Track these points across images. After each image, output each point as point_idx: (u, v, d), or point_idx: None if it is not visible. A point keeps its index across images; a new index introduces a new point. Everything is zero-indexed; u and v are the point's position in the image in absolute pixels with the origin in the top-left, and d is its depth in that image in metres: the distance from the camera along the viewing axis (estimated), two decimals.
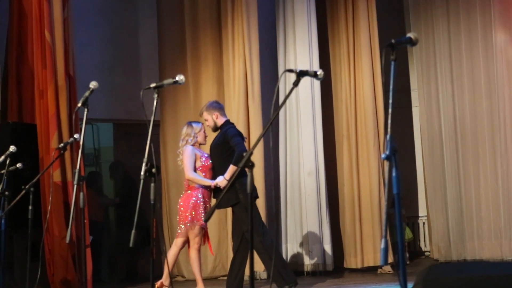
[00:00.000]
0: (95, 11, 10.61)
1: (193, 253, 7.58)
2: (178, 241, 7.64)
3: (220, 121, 7.64)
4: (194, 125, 7.74)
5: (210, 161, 7.70)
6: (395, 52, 3.53)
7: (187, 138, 7.65)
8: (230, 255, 8.20)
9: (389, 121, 3.45)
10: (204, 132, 7.78)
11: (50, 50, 8.35)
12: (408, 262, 10.65)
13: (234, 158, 7.33)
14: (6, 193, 6.69)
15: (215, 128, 7.67)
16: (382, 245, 3.43)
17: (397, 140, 3.38)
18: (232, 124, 7.79)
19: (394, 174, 3.38)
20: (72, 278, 8.08)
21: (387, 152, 3.38)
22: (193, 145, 7.67)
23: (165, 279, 7.51)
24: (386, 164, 3.38)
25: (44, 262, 7.86)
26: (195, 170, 7.60)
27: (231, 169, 7.38)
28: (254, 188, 7.14)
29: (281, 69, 10.12)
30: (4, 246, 6.83)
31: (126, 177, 10.86)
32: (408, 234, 11.01)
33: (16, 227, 7.65)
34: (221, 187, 7.47)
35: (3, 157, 6.91)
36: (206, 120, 7.67)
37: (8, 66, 8.89)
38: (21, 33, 8.80)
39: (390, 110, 3.47)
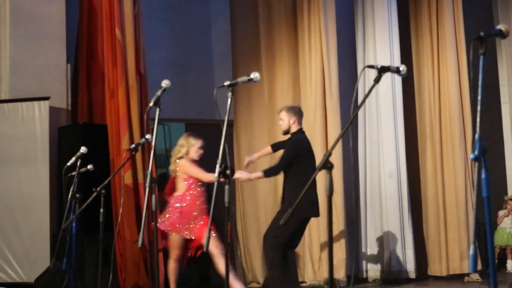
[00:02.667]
0: (166, 7, 10.73)
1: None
2: None
3: (295, 127, 7.62)
4: (191, 138, 7.70)
5: None
6: (484, 45, 3.45)
7: (180, 149, 7.59)
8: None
9: (478, 119, 3.38)
10: (200, 149, 7.69)
11: (120, 48, 8.46)
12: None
13: (269, 168, 7.57)
14: (77, 195, 6.81)
15: (286, 132, 7.65)
16: (471, 252, 3.37)
17: (485, 140, 3.32)
18: (303, 133, 7.73)
19: (483, 175, 3.32)
20: (144, 284, 8.17)
21: (476, 153, 3.31)
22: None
23: None
24: (475, 165, 3.31)
25: (116, 267, 7.97)
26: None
27: (259, 175, 7.50)
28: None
29: (360, 65, 10.05)
30: (76, 250, 6.96)
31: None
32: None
33: (88, 231, 7.79)
34: (240, 179, 7.62)
35: (74, 158, 7.04)
36: (281, 119, 7.65)
37: (78, 65, 9.06)
38: (91, 31, 8.96)
39: (479, 108, 3.40)
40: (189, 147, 7.62)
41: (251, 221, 9.76)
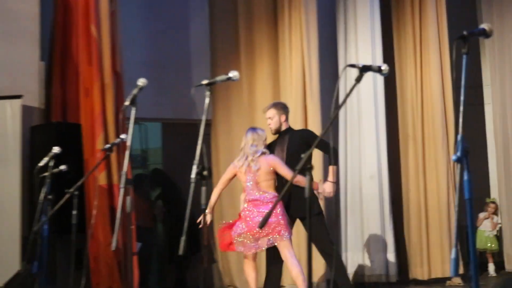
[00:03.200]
0: (143, 3, 10.68)
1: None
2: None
3: (285, 125, 7.51)
4: (260, 131, 7.32)
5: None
6: (467, 45, 3.46)
7: (258, 144, 7.21)
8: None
9: (461, 120, 3.39)
10: (265, 141, 7.38)
11: (96, 45, 8.42)
12: (495, 275, 10.45)
13: (333, 158, 7.38)
14: (50, 197, 6.74)
15: (277, 131, 7.54)
16: (453, 255, 3.37)
17: (468, 141, 3.32)
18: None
19: (466, 177, 3.32)
20: None
21: (459, 154, 3.32)
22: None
23: None
24: (457, 166, 3.31)
25: (89, 270, 7.93)
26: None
27: (333, 169, 7.34)
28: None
29: (341, 65, 10.06)
30: (47, 253, 6.89)
31: (172, 182, 10.89)
32: (494, 245, 10.74)
33: (60, 233, 7.72)
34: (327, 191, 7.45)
35: (46, 158, 6.97)
36: (270, 118, 7.46)
37: (52, 63, 8.98)
38: (65, 28, 8.88)
39: (461, 108, 3.41)
40: (263, 141, 7.30)
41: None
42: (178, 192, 10.66)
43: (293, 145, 7.41)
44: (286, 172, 7.12)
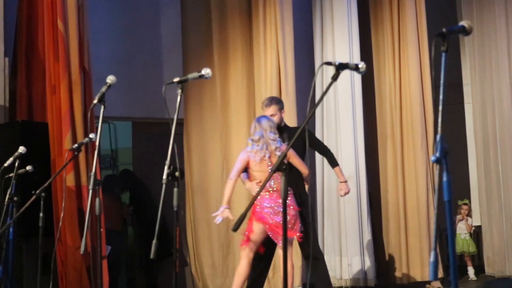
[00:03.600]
0: None
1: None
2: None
3: (283, 121, 7.68)
4: (273, 119, 7.45)
5: None
6: (446, 43, 3.48)
7: (274, 131, 7.27)
8: None
9: (440, 120, 3.42)
10: None
11: (63, 41, 8.37)
12: (475, 278, 10.49)
13: (333, 160, 7.88)
14: (15, 198, 6.70)
15: (279, 127, 7.60)
16: (432, 258, 3.40)
17: (447, 141, 3.36)
18: None
19: (445, 178, 3.35)
20: None
21: (437, 154, 3.34)
22: None
23: None
24: (436, 167, 3.34)
25: (56, 275, 7.89)
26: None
27: (339, 170, 7.87)
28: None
29: (317, 62, 10.10)
30: (13, 257, 6.86)
31: (142, 184, 10.86)
32: (472, 247, 10.80)
33: (26, 236, 7.69)
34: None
35: (11, 159, 6.94)
36: (272, 115, 7.57)
37: (17, 59, 8.94)
38: (31, 22, 8.84)
39: (440, 108, 3.44)
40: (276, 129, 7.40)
41: (201, 227, 9.73)
42: (148, 194, 10.64)
43: (292, 144, 7.44)
44: (299, 164, 7.31)
